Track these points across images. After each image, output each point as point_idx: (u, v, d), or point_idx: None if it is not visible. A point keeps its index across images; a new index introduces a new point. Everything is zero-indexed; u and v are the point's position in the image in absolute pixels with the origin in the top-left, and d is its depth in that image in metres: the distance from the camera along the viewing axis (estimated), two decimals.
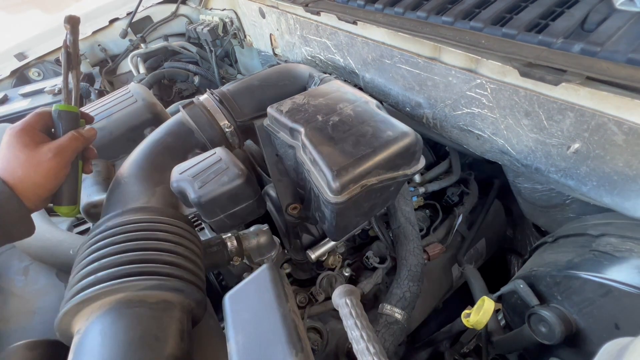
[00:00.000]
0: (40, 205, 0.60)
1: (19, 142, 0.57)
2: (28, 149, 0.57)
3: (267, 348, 0.51)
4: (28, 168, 0.57)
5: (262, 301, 0.56)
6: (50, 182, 0.59)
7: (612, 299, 0.56)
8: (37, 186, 0.57)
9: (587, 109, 0.55)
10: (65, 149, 0.60)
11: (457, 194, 1.10)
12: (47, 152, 0.58)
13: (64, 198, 0.63)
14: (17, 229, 0.57)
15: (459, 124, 0.80)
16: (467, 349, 0.94)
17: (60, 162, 0.59)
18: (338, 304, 0.66)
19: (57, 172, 0.59)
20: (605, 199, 0.61)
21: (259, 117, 0.81)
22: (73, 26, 0.63)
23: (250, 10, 1.44)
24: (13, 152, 0.57)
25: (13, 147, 0.57)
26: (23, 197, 0.56)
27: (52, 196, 0.62)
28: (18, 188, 0.55)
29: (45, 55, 1.72)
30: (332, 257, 0.90)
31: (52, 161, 0.58)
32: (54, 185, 0.60)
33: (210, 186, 0.60)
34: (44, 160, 0.57)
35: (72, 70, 0.64)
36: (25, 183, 0.56)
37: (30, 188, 0.57)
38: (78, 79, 0.66)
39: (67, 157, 0.60)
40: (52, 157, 0.58)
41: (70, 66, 0.64)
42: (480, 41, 0.66)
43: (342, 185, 0.55)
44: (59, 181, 0.61)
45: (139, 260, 0.53)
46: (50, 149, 0.58)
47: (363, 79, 1.01)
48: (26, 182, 0.56)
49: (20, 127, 0.59)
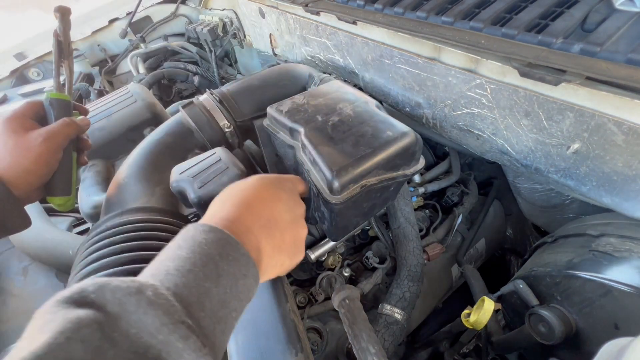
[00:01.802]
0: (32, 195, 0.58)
1: (7, 129, 0.56)
2: (17, 134, 0.55)
3: (267, 348, 0.51)
4: (17, 154, 0.54)
5: (262, 301, 0.56)
6: (40, 167, 0.56)
7: (612, 299, 0.56)
8: (28, 172, 0.55)
9: (587, 109, 0.55)
10: (56, 134, 0.58)
11: (457, 194, 1.10)
12: (37, 136, 0.56)
13: (57, 188, 0.61)
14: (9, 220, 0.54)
15: (458, 124, 0.80)
16: (467, 349, 0.94)
17: (50, 146, 0.57)
18: (338, 304, 0.67)
19: (47, 158, 0.57)
20: (605, 199, 0.61)
21: (259, 117, 0.81)
22: (63, 15, 0.62)
23: (250, 10, 1.44)
24: (1, 139, 0.55)
25: (1, 134, 0.55)
26: (12, 185, 0.53)
27: (45, 186, 0.60)
28: (7, 176, 0.53)
29: (45, 55, 1.72)
30: (332, 257, 0.90)
31: (42, 146, 0.56)
32: (44, 172, 0.57)
33: (210, 186, 0.60)
34: (33, 145, 0.55)
35: (64, 60, 0.64)
36: (15, 170, 0.54)
37: (20, 175, 0.54)
38: (71, 69, 0.65)
39: (57, 142, 0.58)
40: (42, 142, 0.56)
41: (61, 55, 0.63)
42: (480, 41, 0.66)
43: (342, 185, 0.55)
44: (51, 167, 0.58)
45: (139, 261, 0.53)
46: (41, 133, 0.56)
47: (363, 79, 1.01)
48: (15, 169, 0.54)
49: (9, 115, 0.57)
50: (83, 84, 1.43)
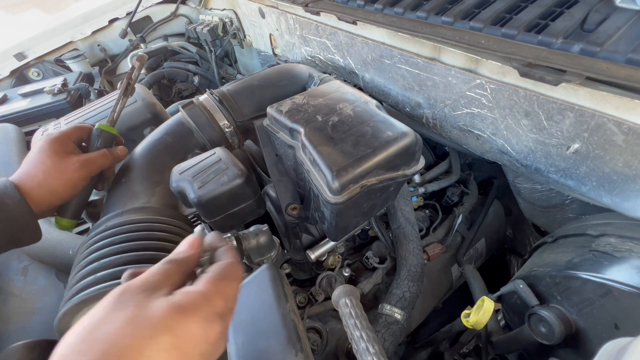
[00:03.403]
0: (47, 213, 0.60)
1: (50, 149, 0.58)
2: (58, 156, 0.58)
3: (267, 348, 0.51)
4: (51, 174, 0.57)
5: (262, 301, 0.56)
6: (67, 191, 0.59)
7: (612, 299, 0.56)
8: (53, 193, 0.57)
9: (587, 109, 0.55)
10: (93, 163, 0.61)
11: (457, 194, 1.10)
12: (75, 162, 0.59)
13: (70, 211, 0.64)
14: (24, 234, 0.56)
15: (458, 124, 0.80)
16: (467, 349, 0.94)
17: (83, 174, 0.60)
18: (338, 304, 0.67)
19: (76, 183, 0.59)
20: (605, 199, 0.61)
21: (259, 117, 0.81)
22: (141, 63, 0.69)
23: (249, 10, 1.44)
24: (41, 156, 0.57)
25: (43, 152, 0.57)
26: (34, 201, 0.55)
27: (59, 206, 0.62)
28: (32, 192, 0.55)
29: (45, 55, 1.72)
30: (332, 257, 0.90)
31: (77, 172, 0.58)
32: (69, 195, 0.60)
33: (210, 186, 0.60)
34: (69, 170, 0.58)
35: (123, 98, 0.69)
36: (42, 188, 0.56)
37: (44, 194, 0.56)
38: (123, 106, 0.70)
39: (92, 171, 0.61)
40: (78, 168, 0.58)
41: (126, 94, 0.69)
42: (480, 41, 0.66)
43: (342, 186, 0.55)
44: (75, 193, 0.61)
45: (139, 261, 0.53)
46: (79, 160, 0.59)
47: (363, 79, 1.01)
48: (43, 188, 0.56)
49: (56, 135, 0.59)
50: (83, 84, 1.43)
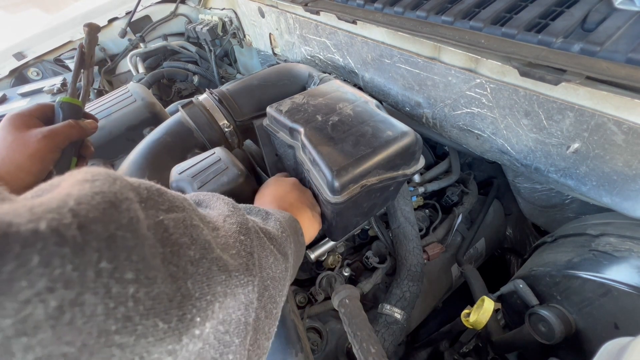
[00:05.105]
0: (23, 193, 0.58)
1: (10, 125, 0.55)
2: (18, 131, 0.55)
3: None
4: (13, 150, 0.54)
5: None
6: (34, 165, 0.55)
7: (612, 298, 0.56)
8: (20, 169, 0.54)
9: (587, 109, 0.55)
10: (57, 134, 0.57)
11: (457, 193, 1.10)
12: (37, 133, 0.55)
13: None
14: None
15: (458, 123, 0.80)
16: (467, 349, 0.94)
17: (48, 144, 0.55)
18: (338, 304, 0.67)
19: (43, 155, 0.55)
20: (605, 199, 0.61)
21: (259, 117, 0.81)
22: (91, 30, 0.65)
23: (249, 9, 1.44)
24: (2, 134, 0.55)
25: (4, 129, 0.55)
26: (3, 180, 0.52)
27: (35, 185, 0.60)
28: None
29: (44, 54, 1.71)
30: (332, 257, 0.90)
31: (40, 142, 0.55)
32: (38, 169, 0.56)
33: (210, 186, 0.60)
34: (31, 142, 0.54)
35: (83, 70, 0.66)
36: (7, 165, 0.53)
37: (12, 171, 0.53)
38: (89, 80, 0.66)
39: (57, 141, 0.57)
40: (40, 139, 0.55)
41: (82, 65, 0.65)
42: (480, 41, 0.66)
43: (342, 185, 0.55)
44: (45, 166, 0.56)
45: None
46: (41, 131, 0.56)
47: (362, 78, 1.01)
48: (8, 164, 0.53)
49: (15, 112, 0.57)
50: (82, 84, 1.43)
